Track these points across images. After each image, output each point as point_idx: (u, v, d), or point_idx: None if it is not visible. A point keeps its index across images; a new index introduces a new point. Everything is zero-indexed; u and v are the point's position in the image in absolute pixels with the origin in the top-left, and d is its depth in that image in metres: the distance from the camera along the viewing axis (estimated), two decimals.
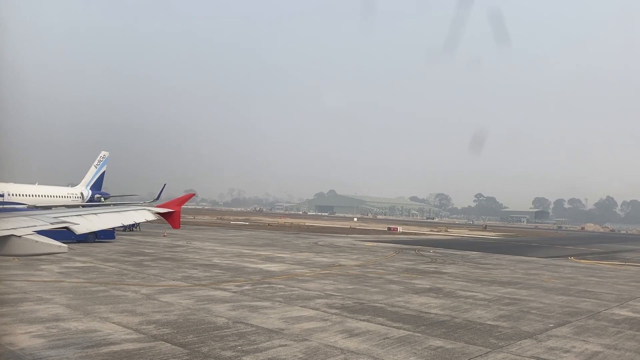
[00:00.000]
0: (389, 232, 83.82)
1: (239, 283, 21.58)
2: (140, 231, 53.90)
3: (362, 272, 27.54)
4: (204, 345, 11.92)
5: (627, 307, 20.50)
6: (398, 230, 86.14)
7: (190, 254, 32.47)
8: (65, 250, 7.17)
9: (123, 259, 28.35)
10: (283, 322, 14.67)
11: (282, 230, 70.56)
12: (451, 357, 11.96)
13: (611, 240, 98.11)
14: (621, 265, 41.44)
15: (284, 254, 35.43)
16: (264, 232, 63.63)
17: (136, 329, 13.07)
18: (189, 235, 49.66)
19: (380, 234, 74.36)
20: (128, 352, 11.06)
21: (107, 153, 68.96)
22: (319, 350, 11.90)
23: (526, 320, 16.68)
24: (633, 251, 64.63)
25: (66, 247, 7.17)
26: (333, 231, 75.43)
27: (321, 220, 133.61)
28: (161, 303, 16.60)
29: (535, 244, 70.78)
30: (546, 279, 28.64)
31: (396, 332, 14.19)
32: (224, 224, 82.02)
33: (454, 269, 31.59)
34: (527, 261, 40.20)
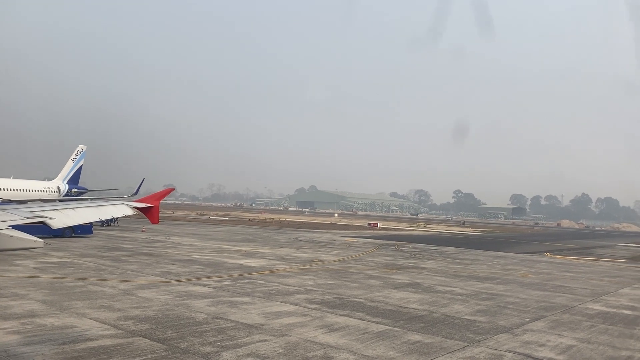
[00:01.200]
0: (369, 227, 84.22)
1: (218, 279, 21.50)
2: (119, 226, 53.27)
3: (342, 267, 27.65)
4: (183, 340, 11.86)
5: (600, 301, 20.96)
6: (378, 226, 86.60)
7: (169, 250, 32.21)
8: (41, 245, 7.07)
9: (101, 254, 28.00)
10: (263, 317, 14.66)
11: (262, 226, 70.41)
12: (429, 351, 12.11)
13: (586, 237, 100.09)
14: (595, 261, 42.33)
15: (265, 250, 35.37)
16: (244, 228, 63.40)
17: (114, 325, 12.94)
18: (168, 231, 49.23)
19: (361, 230, 74.68)
20: (105, 348, 10.95)
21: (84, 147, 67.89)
22: (298, 345, 11.93)
23: (503, 315, 16.94)
24: (606, 247, 66.04)
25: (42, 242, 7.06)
26: (314, 227, 75.51)
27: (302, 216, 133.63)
28: (139, 299, 16.45)
29: (512, 239, 71.85)
30: (523, 274, 29.11)
31: (375, 326, 14.30)
32: (203, 219, 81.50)
33: (432, 264, 31.91)
34: (504, 257, 40.79)
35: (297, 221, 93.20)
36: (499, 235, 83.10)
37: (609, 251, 57.25)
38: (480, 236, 77.65)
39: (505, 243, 61.73)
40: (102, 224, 50.12)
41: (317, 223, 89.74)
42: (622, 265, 38.90)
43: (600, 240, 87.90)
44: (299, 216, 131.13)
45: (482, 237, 76.04)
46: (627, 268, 36.99)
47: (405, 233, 72.59)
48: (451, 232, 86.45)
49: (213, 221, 77.61)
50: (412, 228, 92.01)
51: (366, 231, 72.06)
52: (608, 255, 50.35)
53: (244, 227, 65.90)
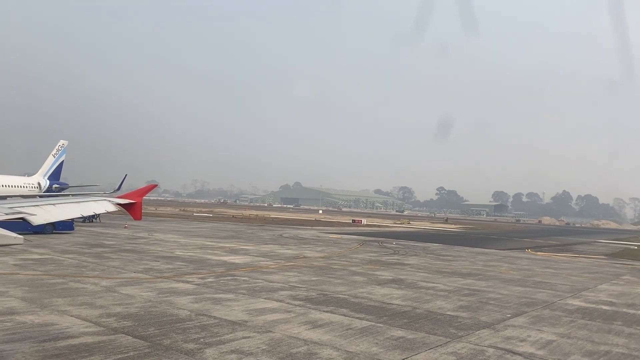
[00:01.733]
0: (354, 224, 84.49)
1: (202, 275, 21.40)
2: (101, 222, 52.71)
3: (326, 263, 27.71)
4: (165, 337, 11.79)
5: (580, 297, 21.30)
6: (362, 223, 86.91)
7: (152, 246, 31.97)
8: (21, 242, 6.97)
9: (82, 251, 27.69)
10: (247, 314, 14.64)
11: (246, 222, 70.20)
12: (412, 347, 12.20)
13: (566, 233, 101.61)
14: (575, 257, 43.01)
15: (248, 246, 35.29)
16: (228, 224, 63.17)
17: (96, 322, 12.82)
18: (151, 227, 48.85)
19: (345, 226, 74.88)
20: (87, 346, 10.84)
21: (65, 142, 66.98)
22: (282, 342, 11.94)
23: (485, 311, 17.14)
24: (586, 244, 67.13)
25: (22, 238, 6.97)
26: (298, 223, 75.51)
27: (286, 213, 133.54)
28: (122, 295, 16.31)
29: (494, 236, 72.64)
30: (504, 270, 29.46)
31: (359, 322, 14.37)
32: (187, 216, 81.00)
33: (416, 260, 32.13)
34: (486, 253, 41.24)
35: (281, 218, 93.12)
36: (481, 232, 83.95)
37: (589, 248, 58.19)
38: (463, 233, 78.37)
39: (487, 240, 62.39)
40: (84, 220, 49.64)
41: (301, 220, 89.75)
42: (601, 262, 39.58)
43: (580, 237, 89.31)
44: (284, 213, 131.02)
45: (464, 233, 76.75)
46: (606, 264, 37.65)
47: (389, 230, 72.95)
48: (434, 228, 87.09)
49: (196, 218, 77.19)
50: (396, 225, 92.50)
51: (350, 228, 72.27)
52: (587, 251, 51.17)
53: (228, 223, 65.65)
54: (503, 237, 72.42)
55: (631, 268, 35.71)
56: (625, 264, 38.46)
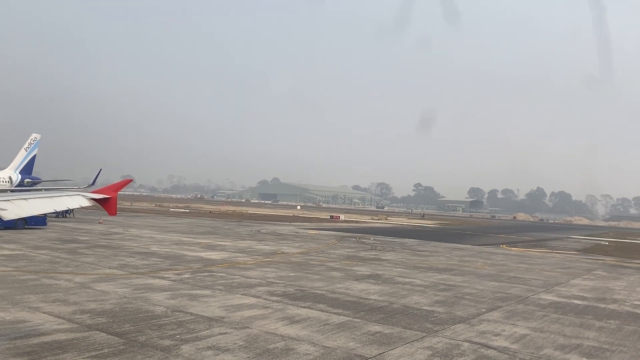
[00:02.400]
0: (332, 220, 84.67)
1: (178, 271, 21.20)
2: (74, 218, 51.81)
3: (304, 259, 27.72)
4: (141, 334, 11.65)
5: (552, 292, 21.73)
6: (340, 219, 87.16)
7: (127, 242, 31.55)
8: None
9: (55, 247, 27.18)
10: (223, 310, 14.56)
11: (223, 218, 69.78)
12: (389, 341, 12.29)
13: (540, 229, 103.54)
14: (548, 252, 43.84)
15: (226, 242, 35.09)
16: (204, 220, 62.70)
17: (69, 319, 12.60)
18: (126, 223, 48.20)
19: (323, 222, 74.99)
20: (60, 343, 10.65)
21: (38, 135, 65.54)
22: (259, 338, 11.91)
23: (460, 306, 17.35)
24: (559, 239, 68.49)
25: None
26: (276, 219, 75.36)
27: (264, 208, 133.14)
28: (96, 292, 16.07)
29: (470, 232, 73.61)
30: (479, 265, 29.87)
31: (336, 318, 14.41)
32: (162, 211, 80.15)
33: (393, 256, 32.37)
34: (462, 249, 41.76)
35: (259, 213, 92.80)
36: (457, 228, 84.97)
37: (562, 243, 59.39)
38: (439, 228, 79.21)
39: (463, 235, 63.19)
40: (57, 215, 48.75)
41: (279, 215, 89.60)
42: (574, 257, 40.44)
43: (553, 232, 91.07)
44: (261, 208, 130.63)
45: (441, 229, 77.58)
46: (578, 260, 38.47)
47: (367, 225, 73.32)
48: (411, 224, 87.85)
49: (173, 213, 76.43)
50: (374, 220, 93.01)
51: (328, 223, 72.42)
52: (560, 247, 52.21)
53: (205, 219, 65.17)
54: (478, 232, 73.42)
55: (602, 263, 36.56)
56: (597, 259, 39.37)
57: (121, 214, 59.23)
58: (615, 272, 30.93)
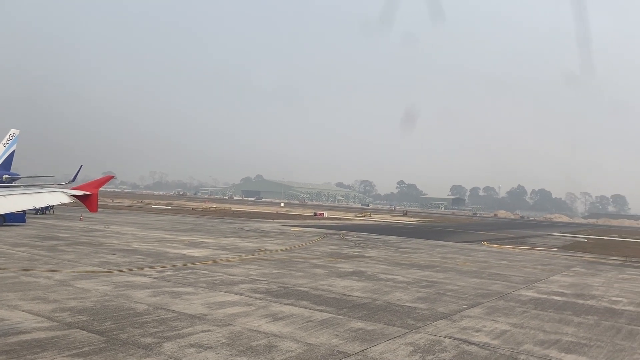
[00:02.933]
0: (315, 217, 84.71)
1: (160, 269, 21.04)
2: (54, 214, 51.09)
3: (287, 256, 27.70)
4: (122, 332, 11.55)
5: (532, 288, 22.03)
6: (324, 216, 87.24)
7: (109, 239, 31.21)
8: None
9: (35, 244, 26.77)
10: (206, 307, 14.50)
11: (206, 215, 69.38)
12: (371, 338, 12.36)
13: (520, 227, 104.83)
14: (529, 249, 44.43)
15: (208, 239, 34.91)
16: (187, 217, 62.28)
17: (49, 317, 12.43)
18: (107, 219, 47.66)
19: (307, 219, 75.00)
20: (39, 341, 10.51)
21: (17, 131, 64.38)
22: (242, 335, 11.89)
23: (442, 302, 17.51)
24: (539, 236, 69.43)
25: None
26: (259, 216, 75.16)
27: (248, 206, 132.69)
28: (76, 289, 15.87)
29: (452, 229, 74.25)
30: (461, 262, 30.16)
31: (319, 315, 14.44)
32: (144, 208, 79.41)
33: (376, 252, 32.52)
34: (444, 245, 42.11)
35: (242, 210, 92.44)
36: (439, 225, 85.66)
37: (542, 240, 60.22)
38: (422, 226, 79.76)
39: (445, 232, 63.72)
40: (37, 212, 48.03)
41: (263, 212, 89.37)
42: (553, 254, 41.05)
43: (533, 230, 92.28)
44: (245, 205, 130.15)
45: (423, 226, 78.12)
46: (558, 256, 39.06)
47: (350, 222, 73.52)
48: (394, 221, 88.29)
49: (155, 210, 75.78)
50: (357, 218, 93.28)
51: (312, 221, 72.45)
52: (541, 244, 52.95)
53: (187, 216, 64.74)
54: (460, 230, 74.09)
55: (581, 260, 37.17)
56: (576, 256, 40.02)
57: (102, 211, 58.56)
58: (593, 269, 31.48)
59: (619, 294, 21.99)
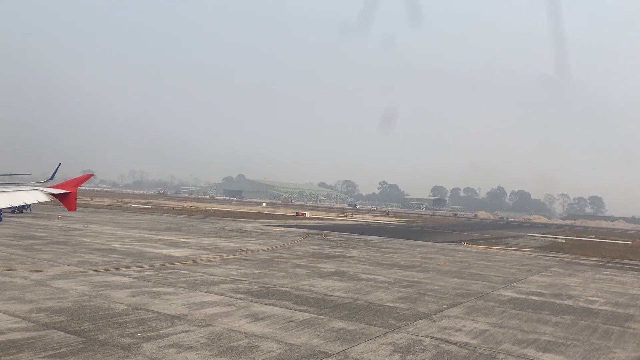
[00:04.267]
0: (297, 217, 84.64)
1: (140, 268, 20.82)
2: (31, 213, 50.20)
3: (269, 256, 27.63)
4: (101, 332, 11.40)
5: (511, 288, 22.30)
6: (306, 216, 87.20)
7: (87, 238, 30.79)
8: None
9: (11, 243, 26.28)
10: (186, 307, 14.38)
11: (187, 215, 68.86)
12: (352, 337, 12.39)
13: (500, 227, 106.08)
14: (508, 250, 44.98)
15: (189, 239, 34.65)
16: (168, 217, 61.74)
17: (25, 317, 12.21)
18: (86, 218, 47.01)
19: (289, 219, 74.89)
20: (15, 342, 10.31)
21: None
22: (222, 335, 11.82)
23: (422, 302, 17.63)
24: (518, 237, 70.35)
25: None
26: (241, 216, 74.83)
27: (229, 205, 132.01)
28: (54, 289, 15.62)
29: (433, 229, 74.83)
30: (442, 262, 30.40)
31: (300, 315, 14.43)
32: (124, 207, 78.51)
33: (357, 252, 32.61)
34: (425, 246, 42.41)
35: (224, 210, 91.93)
36: (421, 225, 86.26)
37: (521, 241, 61.02)
38: (403, 226, 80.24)
39: (426, 232, 64.18)
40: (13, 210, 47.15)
41: (244, 212, 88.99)
42: (532, 254, 41.62)
43: (513, 230, 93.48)
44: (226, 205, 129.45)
45: (404, 226, 78.58)
46: (536, 257, 39.62)
47: (332, 222, 73.61)
48: (376, 221, 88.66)
49: (135, 209, 74.96)
50: (339, 218, 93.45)
51: (294, 220, 72.37)
52: (520, 244, 53.64)
53: (168, 215, 64.18)
54: (441, 230, 74.70)
55: (559, 260, 37.76)
56: (554, 257, 40.63)
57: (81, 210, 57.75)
58: (571, 269, 31.99)
59: (595, 293, 22.38)
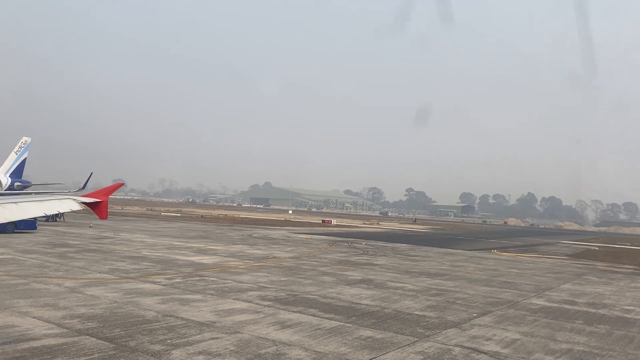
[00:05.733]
0: (324, 224, 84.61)
1: (169, 276, 21.11)
2: (65, 222, 51.45)
3: (296, 264, 27.68)
4: (131, 339, 11.58)
5: (543, 297, 21.83)
6: (332, 223, 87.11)
7: (118, 246, 31.37)
8: None
9: (45, 251, 26.97)
10: (215, 314, 14.51)
11: (215, 222, 69.56)
12: (380, 346, 12.30)
13: (531, 234, 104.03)
14: (539, 257, 44.06)
15: (217, 247, 34.98)
16: (196, 224, 62.47)
17: (59, 324, 12.50)
18: (117, 227, 47.93)
19: (315, 227, 74.94)
20: (49, 348, 10.56)
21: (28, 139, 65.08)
22: (250, 342, 11.87)
23: (451, 310, 17.39)
24: (550, 244, 68.85)
25: None
26: (268, 223, 75.21)
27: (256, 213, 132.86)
28: (86, 296, 15.95)
29: (461, 237, 73.85)
30: (471, 270, 29.97)
31: (328, 323, 14.40)
32: (154, 215, 79.76)
33: (384, 260, 32.40)
34: (454, 253, 41.87)
35: (251, 218, 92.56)
36: (449, 233, 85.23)
37: (552, 248, 59.71)
38: (431, 233, 79.41)
39: (455, 240, 63.37)
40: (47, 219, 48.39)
41: (271, 220, 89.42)
42: (564, 262, 40.67)
43: (544, 237, 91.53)
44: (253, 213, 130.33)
45: (432, 234, 77.77)
46: (568, 265, 38.70)
47: (358, 230, 73.36)
48: (403, 229, 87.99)
49: (164, 217, 76.09)
50: (366, 225, 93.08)
51: (320, 228, 72.37)
52: (551, 252, 52.50)
53: (196, 223, 64.93)
54: (470, 237, 73.67)
55: (592, 268, 36.81)
56: (587, 264, 39.63)
57: (112, 218, 58.89)
58: (605, 277, 31.15)
59: (632, 302, 21.74)
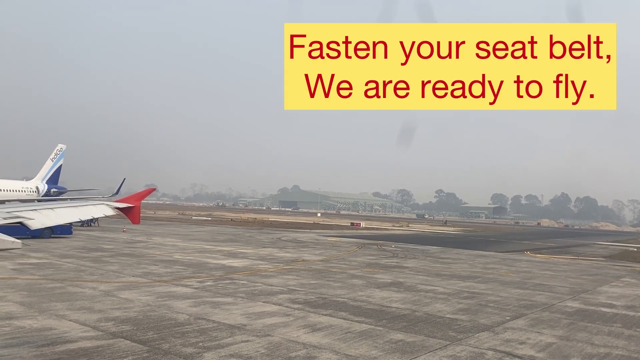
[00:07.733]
0: (352, 227, 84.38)
1: (200, 279, 21.36)
2: (99, 226, 52.63)
3: (325, 267, 27.67)
4: (164, 342, 11.76)
5: (579, 299, 21.29)
6: (361, 226, 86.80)
7: (151, 250, 31.92)
8: (19, 246, 6.96)
9: (80, 255, 27.64)
10: (245, 317, 14.61)
11: (245, 226, 70.13)
12: (411, 350, 12.18)
13: (565, 235, 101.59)
14: (574, 259, 42.98)
15: (247, 250, 35.25)
16: (226, 228, 63.10)
17: (94, 327, 12.78)
18: (149, 231, 48.78)
19: (344, 229, 74.80)
20: (85, 350, 10.81)
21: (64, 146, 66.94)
22: (281, 345, 11.91)
23: (484, 313, 17.11)
24: (585, 246, 67.11)
25: (20, 242, 6.95)
26: (296, 226, 75.44)
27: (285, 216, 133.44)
28: (120, 300, 16.27)
29: (493, 238, 72.62)
30: (503, 272, 29.44)
31: (358, 326, 14.34)
32: (185, 219, 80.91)
33: (414, 263, 32.10)
34: (485, 255, 41.21)
35: (280, 221, 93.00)
36: (480, 235, 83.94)
37: (588, 250, 58.18)
38: (462, 235, 78.34)
39: (486, 242, 62.37)
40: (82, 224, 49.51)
41: (300, 223, 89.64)
42: (601, 264, 39.58)
43: (579, 239, 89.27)
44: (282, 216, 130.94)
45: (463, 236, 76.70)
46: (605, 266, 37.64)
47: (388, 232, 72.93)
48: (433, 231, 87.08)
49: (195, 221, 77.09)
50: (395, 227, 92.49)
51: (349, 231, 72.21)
52: (587, 253, 51.15)
53: (227, 227, 65.58)
54: (502, 239, 72.40)
55: (630, 270, 35.71)
56: (625, 266, 38.47)
57: (144, 223, 59.95)
58: None
59: None
